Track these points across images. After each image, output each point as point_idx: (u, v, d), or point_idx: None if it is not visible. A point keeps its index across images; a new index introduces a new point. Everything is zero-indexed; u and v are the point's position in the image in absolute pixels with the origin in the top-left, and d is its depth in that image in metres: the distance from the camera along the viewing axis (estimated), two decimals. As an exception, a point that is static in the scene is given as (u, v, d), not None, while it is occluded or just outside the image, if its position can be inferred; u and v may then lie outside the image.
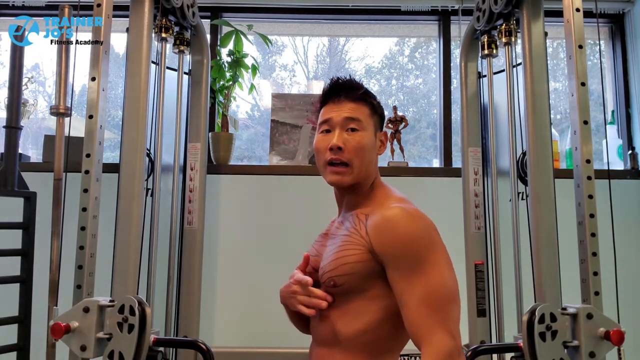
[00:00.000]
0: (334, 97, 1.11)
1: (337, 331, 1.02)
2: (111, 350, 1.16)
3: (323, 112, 1.12)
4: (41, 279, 1.69)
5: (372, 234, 0.98)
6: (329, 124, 1.09)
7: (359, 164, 1.06)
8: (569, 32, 1.41)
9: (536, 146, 1.56)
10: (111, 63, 1.54)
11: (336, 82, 1.13)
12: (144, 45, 1.62)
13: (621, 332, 1.17)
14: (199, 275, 1.89)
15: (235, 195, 2.15)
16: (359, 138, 1.07)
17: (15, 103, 1.70)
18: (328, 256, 1.05)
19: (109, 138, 2.41)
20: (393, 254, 0.95)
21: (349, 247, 1.01)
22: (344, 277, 1.00)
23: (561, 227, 1.55)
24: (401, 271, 0.94)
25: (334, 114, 1.09)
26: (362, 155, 1.06)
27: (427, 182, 2.16)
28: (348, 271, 1.00)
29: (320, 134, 1.11)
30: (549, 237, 1.52)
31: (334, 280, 1.02)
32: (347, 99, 1.10)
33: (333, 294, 1.03)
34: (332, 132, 1.08)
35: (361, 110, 1.09)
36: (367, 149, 1.07)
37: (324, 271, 1.05)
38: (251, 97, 2.53)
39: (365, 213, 1.05)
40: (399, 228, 0.95)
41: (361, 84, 1.14)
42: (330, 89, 1.13)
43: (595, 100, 2.44)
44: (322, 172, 1.10)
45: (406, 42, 2.61)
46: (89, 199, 1.37)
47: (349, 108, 1.08)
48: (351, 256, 1.00)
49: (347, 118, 1.07)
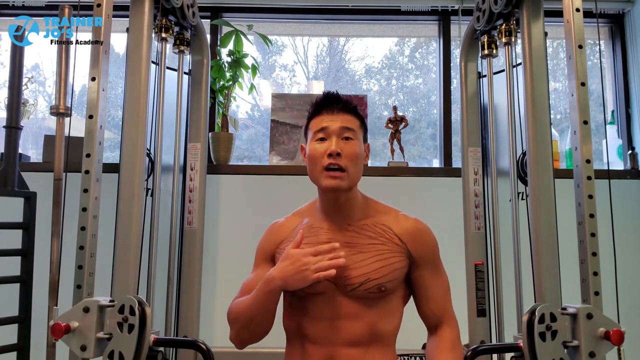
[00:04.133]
0: (329, 108, 1.18)
1: (380, 330, 1.12)
2: (111, 350, 1.16)
3: (317, 122, 1.18)
4: (41, 279, 1.69)
5: (407, 242, 1.15)
6: (325, 132, 1.15)
7: (354, 170, 1.14)
8: (569, 32, 1.41)
9: (536, 146, 1.56)
10: (111, 63, 1.54)
11: (330, 94, 1.21)
12: (144, 45, 1.62)
13: (621, 332, 1.17)
14: (199, 275, 1.89)
15: (235, 195, 2.15)
16: (353, 146, 1.15)
17: (15, 103, 1.70)
18: (367, 264, 1.12)
19: (109, 138, 2.41)
20: (425, 257, 1.17)
21: (392, 254, 1.14)
22: (393, 282, 1.13)
23: (561, 227, 1.55)
24: (429, 270, 1.18)
25: (330, 123, 1.15)
26: (356, 162, 1.15)
27: (427, 182, 2.16)
28: (397, 276, 1.13)
29: (315, 142, 1.16)
30: (549, 237, 1.52)
31: (385, 285, 1.11)
32: (341, 110, 1.17)
33: (371, 298, 1.12)
34: (329, 140, 1.14)
35: (354, 122, 1.18)
36: (360, 157, 1.16)
37: (367, 278, 1.11)
38: (251, 97, 2.53)
39: (382, 223, 1.17)
40: (430, 236, 1.19)
41: (351, 99, 1.24)
42: (326, 100, 1.20)
43: (595, 100, 2.44)
44: (317, 177, 1.15)
45: (406, 42, 2.61)
46: (89, 199, 1.37)
47: (343, 118, 1.16)
48: (397, 262, 1.14)
49: (343, 127, 1.15)
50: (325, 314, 1.12)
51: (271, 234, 1.27)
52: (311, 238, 1.17)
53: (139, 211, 1.56)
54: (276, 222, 1.30)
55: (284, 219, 1.29)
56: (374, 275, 1.11)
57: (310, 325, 1.14)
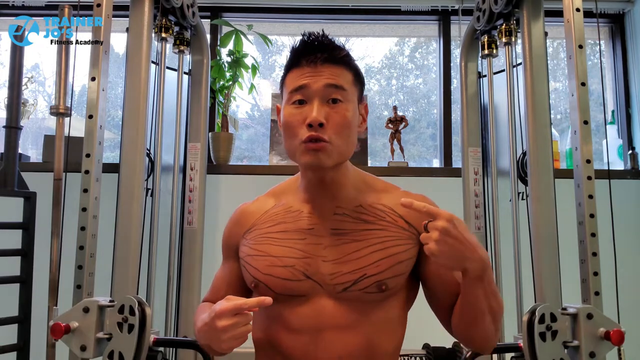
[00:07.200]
0: (309, 58, 0.86)
1: (378, 348, 0.88)
2: (111, 350, 1.16)
3: (294, 77, 0.88)
4: (41, 279, 1.69)
5: (417, 224, 0.89)
6: (304, 93, 0.86)
7: (343, 143, 0.86)
8: (569, 32, 1.41)
9: (536, 146, 1.56)
10: (111, 63, 1.54)
11: (311, 38, 0.88)
12: (144, 45, 1.62)
13: (621, 332, 1.17)
14: (199, 275, 1.89)
15: (235, 195, 2.15)
16: (343, 112, 0.86)
17: (15, 103, 1.70)
18: (363, 256, 0.87)
19: (109, 138, 2.41)
20: None
21: (395, 242, 0.88)
22: (398, 278, 0.88)
23: (561, 227, 1.55)
24: None
25: (311, 80, 0.85)
26: (347, 133, 0.87)
27: (427, 182, 2.16)
28: (402, 270, 0.88)
29: (290, 106, 0.87)
30: (549, 237, 1.52)
31: (386, 283, 0.86)
32: (327, 61, 0.86)
33: (368, 301, 0.87)
34: (309, 104, 0.85)
35: (344, 76, 0.88)
36: (352, 126, 0.88)
37: (362, 274, 0.86)
38: (251, 97, 2.53)
39: (381, 203, 0.92)
40: None
41: (342, 45, 0.91)
42: (305, 46, 0.88)
43: (595, 100, 2.43)
44: (293, 152, 0.88)
45: (406, 42, 2.61)
46: (89, 199, 1.37)
47: (330, 73, 0.86)
48: (403, 252, 0.88)
49: (328, 85, 0.85)
50: (306, 323, 0.87)
51: (236, 221, 1.01)
52: (289, 224, 0.92)
53: (139, 211, 1.55)
54: (244, 204, 1.03)
55: (254, 200, 1.02)
56: (372, 269, 0.86)
57: (287, 338, 0.88)
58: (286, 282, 0.88)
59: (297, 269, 0.88)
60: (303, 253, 0.89)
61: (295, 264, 0.89)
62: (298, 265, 0.89)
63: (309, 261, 0.89)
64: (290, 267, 0.89)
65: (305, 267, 0.88)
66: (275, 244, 0.91)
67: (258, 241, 0.93)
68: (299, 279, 0.88)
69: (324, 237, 0.90)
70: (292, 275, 0.88)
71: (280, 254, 0.90)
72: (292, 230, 0.91)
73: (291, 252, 0.90)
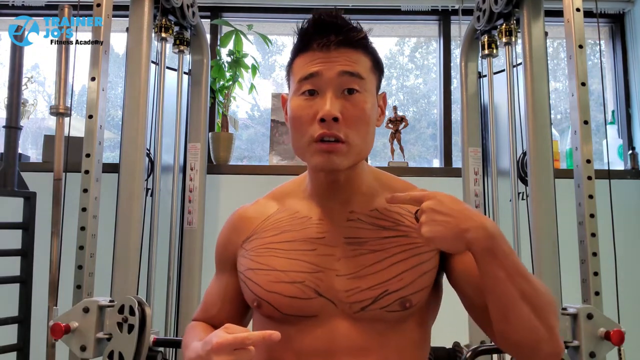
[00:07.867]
0: (321, 41, 0.74)
1: None
2: (111, 350, 1.16)
3: (303, 63, 0.76)
4: (41, 279, 1.69)
5: None
6: (315, 82, 0.74)
7: (361, 141, 0.75)
8: (569, 32, 1.41)
9: (536, 146, 1.56)
10: (111, 63, 1.54)
11: (324, 18, 0.76)
12: (144, 45, 1.62)
13: (621, 332, 1.17)
14: (199, 275, 1.89)
15: (235, 195, 2.15)
16: (361, 104, 0.75)
17: (15, 103, 1.70)
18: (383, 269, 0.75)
19: (109, 138, 2.41)
20: None
21: (419, 250, 0.77)
22: (422, 292, 0.76)
23: (561, 227, 1.55)
24: None
25: (323, 67, 0.74)
26: (366, 129, 0.75)
27: (427, 182, 2.16)
28: (427, 282, 0.77)
29: (299, 97, 0.76)
30: (549, 237, 1.52)
31: (410, 299, 0.74)
32: (342, 44, 0.75)
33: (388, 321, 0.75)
34: (321, 95, 0.74)
35: (362, 63, 0.76)
36: (371, 120, 0.76)
37: (384, 290, 0.74)
38: (251, 97, 2.52)
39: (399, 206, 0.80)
40: None
41: (360, 26, 0.79)
42: (316, 27, 0.76)
43: (595, 100, 2.43)
44: (303, 152, 0.77)
45: (406, 42, 2.61)
46: (89, 199, 1.37)
47: (345, 58, 0.75)
48: (427, 262, 0.77)
49: (343, 73, 0.74)
50: (317, 347, 0.75)
51: (234, 227, 0.88)
52: (296, 233, 0.80)
53: (139, 211, 1.55)
54: (241, 208, 0.90)
55: (253, 203, 0.90)
56: (395, 284, 0.74)
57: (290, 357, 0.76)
58: (294, 300, 0.76)
59: (306, 285, 0.76)
60: (313, 266, 0.77)
61: (304, 280, 0.76)
62: (308, 280, 0.76)
63: (320, 276, 0.76)
64: (299, 283, 0.76)
65: (316, 282, 0.76)
66: (280, 256, 0.79)
67: (260, 252, 0.81)
68: (309, 297, 0.75)
69: (336, 247, 0.78)
70: (301, 293, 0.76)
71: (287, 268, 0.77)
72: (299, 239, 0.79)
73: (299, 265, 0.77)
